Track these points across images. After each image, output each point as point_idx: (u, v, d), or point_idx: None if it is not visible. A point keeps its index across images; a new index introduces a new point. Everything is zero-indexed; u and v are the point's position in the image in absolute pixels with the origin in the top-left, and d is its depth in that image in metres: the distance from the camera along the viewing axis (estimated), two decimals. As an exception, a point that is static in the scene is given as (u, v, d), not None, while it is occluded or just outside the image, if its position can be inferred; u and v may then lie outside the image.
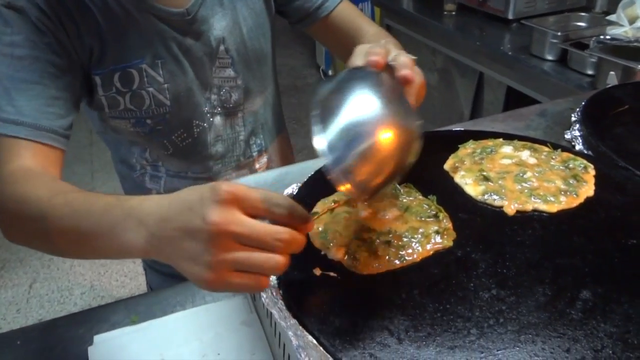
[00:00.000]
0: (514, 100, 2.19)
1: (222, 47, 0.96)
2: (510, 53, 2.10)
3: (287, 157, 1.23)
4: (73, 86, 0.85)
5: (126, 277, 2.77)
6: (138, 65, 0.89)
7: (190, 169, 1.04)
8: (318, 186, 0.74)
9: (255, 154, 1.10)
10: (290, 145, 1.28)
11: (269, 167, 1.15)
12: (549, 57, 1.97)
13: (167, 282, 1.21)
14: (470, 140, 0.82)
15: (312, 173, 0.78)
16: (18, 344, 0.89)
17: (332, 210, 0.66)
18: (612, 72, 1.48)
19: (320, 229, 0.65)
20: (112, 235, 0.58)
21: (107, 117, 0.95)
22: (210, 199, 0.49)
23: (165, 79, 0.91)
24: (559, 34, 1.92)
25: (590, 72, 1.81)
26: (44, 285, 2.70)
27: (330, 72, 4.53)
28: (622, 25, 1.89)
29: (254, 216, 0.49)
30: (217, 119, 1.01)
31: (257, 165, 1.13)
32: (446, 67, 2.61)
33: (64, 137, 0.83)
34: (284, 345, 0.66)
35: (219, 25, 0.94)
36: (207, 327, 0.87)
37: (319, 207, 0.69)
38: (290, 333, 0.55)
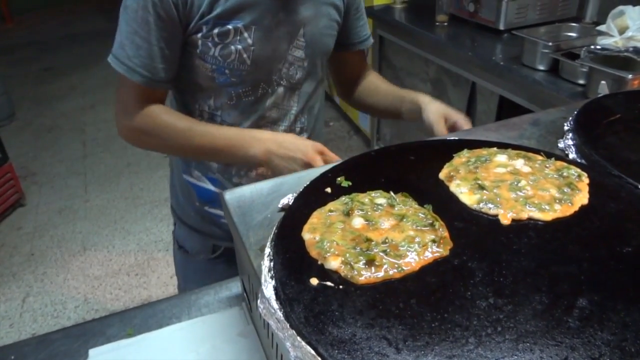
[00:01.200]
0: (507, 110, 2.21)
1: (301, 31, 1.17)
2: (502, 63, 2.12)
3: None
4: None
5: (120, 289, 2.75)
6: (236, 25, 1.08)
7: (244, 123, 1.21)
8: (313, 196, 0.74)
9: (297, 129, 1.28)
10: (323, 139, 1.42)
11: None
12: (541, 67, 1.99)
13: (192, 236, 1.39)
14: (465, 150, 0.82)
15: (308, 183, 0.78)
16: (12, 359, 0.88)
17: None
18: (603, 82, 1.50)
19: (316, 238, 0.65)
20: (240, 148, 1.08)
21: (194, 55, 1.12)
22: (312, 146, 1.03)
23: (253, 41, 1.11)
24: (550, 44, 1.94)
25: (581, 81, 1.83)
26: (37, 299, 2.68)
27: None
28: (612, 36, 1.91)
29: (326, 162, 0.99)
30: (280, 90, 1.21)
31: None
32: (439, 77, 2.64)
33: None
34: (282, 356, 0.66)
35: (304, 13, 1.16)
36: (204, 339, 0.86)
37: (316, 217, 0.69)
38: (288, 344, 0.54)
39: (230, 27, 1.08)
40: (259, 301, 0.61)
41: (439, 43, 2.55)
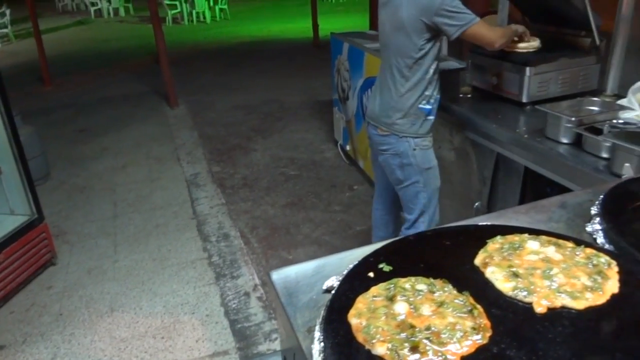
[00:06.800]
0: (532, 179, 2.26)
1: None
2: (525, 136, 2.18)
3: None
4: None
5: (146, 353, 2.76)
6: None
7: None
8: (358, 280, 0.79)
9: None
10: None
11: None
12: (564, 140, 2.04)
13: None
14: (498, 236, 0.87)
15: (351, 267, 0.83)
16: None
17: None
18: (627, 164, 1.54)
19: (363, 323, 0.69)
20: None
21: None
22: None
23: None
24: (573, 119, 2.00)
25: (605, 155, 1.87)
26: (65, 360, 2.71)
27: (347, 147, 4.65)
28: (633, 109, 1.97)
29: None
30: None
31: None
32: (463, 147, 2.70)
33: None
34: None
35: None
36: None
37: (361, 302, 0.74)
38: None
39: None
40: (310, 384, 0.65)
41: (462, 114, 2.64)
